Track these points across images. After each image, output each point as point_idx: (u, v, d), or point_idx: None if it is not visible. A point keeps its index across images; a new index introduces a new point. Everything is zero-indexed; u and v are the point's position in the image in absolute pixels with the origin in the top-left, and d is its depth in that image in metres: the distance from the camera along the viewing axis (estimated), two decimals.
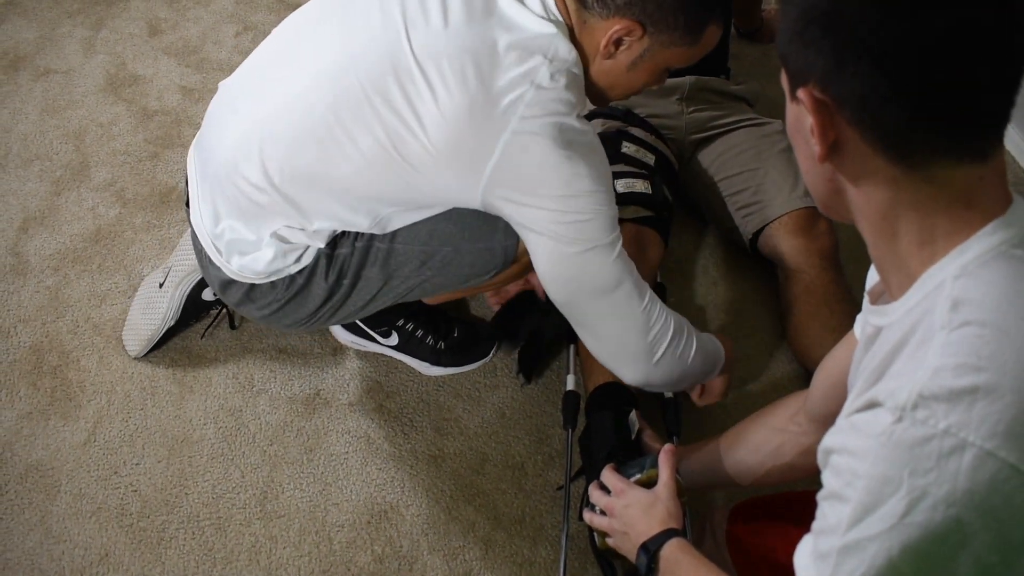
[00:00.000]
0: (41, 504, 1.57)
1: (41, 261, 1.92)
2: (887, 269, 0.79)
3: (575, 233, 1.22)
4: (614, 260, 1.25)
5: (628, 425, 1.47)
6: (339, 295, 1.38)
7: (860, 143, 0.72)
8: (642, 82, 1.31)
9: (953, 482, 0.65)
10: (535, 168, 1.19)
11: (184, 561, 1.51)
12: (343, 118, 1.21)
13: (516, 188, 1.21)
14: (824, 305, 1.69)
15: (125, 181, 2.09)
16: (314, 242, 1.32)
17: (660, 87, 1.91)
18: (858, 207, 0.78)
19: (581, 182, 1.20)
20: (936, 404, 0.66)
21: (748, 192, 1.85)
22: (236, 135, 1.30)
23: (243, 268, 1.35)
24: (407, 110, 1.18)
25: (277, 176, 1.26)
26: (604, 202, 1.22)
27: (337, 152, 1.23)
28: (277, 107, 1.27)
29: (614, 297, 1.28)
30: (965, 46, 0.66)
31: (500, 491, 1.60)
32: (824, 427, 1.18)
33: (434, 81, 1.17)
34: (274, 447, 1.64)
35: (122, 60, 2.39)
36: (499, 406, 1.71)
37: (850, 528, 0.70)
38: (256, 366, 1.76)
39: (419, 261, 1.35)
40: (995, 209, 0.73)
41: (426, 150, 1.19)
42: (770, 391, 1.73)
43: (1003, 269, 0.71)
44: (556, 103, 1.17)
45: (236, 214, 1.32)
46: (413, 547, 1.53)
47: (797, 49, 0.73)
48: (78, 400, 1.71)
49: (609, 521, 1.27)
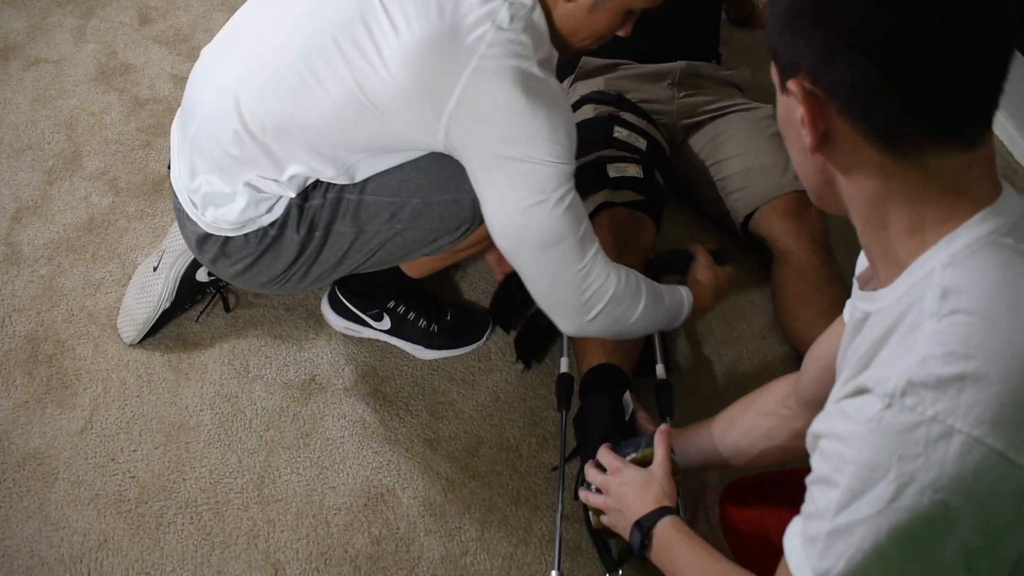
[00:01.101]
0: (39, 492, 1.58)
1: (35, 250, 1.92)
2: (877, 257, 0.80)
3: (525, 182, 1.24)
4: (560, 215, 1.26)
5: (622, 406, 1.48)
6: (311, 249, 1.40)
7: (850, 133, 0.73)
8: (604, 25, 1.32)
9: (940, 468, 0.67)
10: (492, 109, 1.21)
11: (183, 546, 1.52)
12: (312, 64, 1.25)
13: (473, 128, 1.23)
14: (815, 288, 1.71)
15: (118, 170, 2.09)
16: (286, 192, 1.36)
17: (651, 72, 1.95)
18: (849, 196, 0.78)
19: (537, 128, 1.21)
20: (924, 391, 0.67)
21: (739, 176, 1.86)
22: (214, 92, 1.35)
23: (217, 219, 1.39)
24: (371, 48, 1.21)
25: (252, 125, 1.31)
26: (558, 154, 1.24)
27: (307, 98, 1.27)
28: (252, 60, 1.32)
29: (553, 252, 1.29)
30: (957, 36, 0.67)
31: (495, 473, 1.61)
32: (814, 411, 1.20)
33: (396, 18, 1.20)
34: (270, 432, 1.66)
35: (113, 49, 2.39)
36: (493, 389, 1.73)
37: (839, 512, 0.72)
38: (251, 352, 1.77)
39: (389, 213, 1.37)
40: (984, 198, 0.74)
41: (387, 87, 1.22)
42: (761, 373, 1.75)
43: (992, 258, 0.72)
44: (516, 45, 1.20)
45: (212, 168, 1.36)
46: (410, 528, 1.54)
47: (787, 41, 0.74)
48: (74, 388, 1.71)
49: (604, 499, 1.29)
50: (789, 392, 1.28)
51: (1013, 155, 2.19)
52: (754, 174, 1.84)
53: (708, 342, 1.79)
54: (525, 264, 1.34)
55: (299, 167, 1.33)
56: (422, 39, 1.19)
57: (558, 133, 1.23)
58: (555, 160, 1.23)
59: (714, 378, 1.75)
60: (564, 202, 1.26)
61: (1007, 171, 2.16)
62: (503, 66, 1.19)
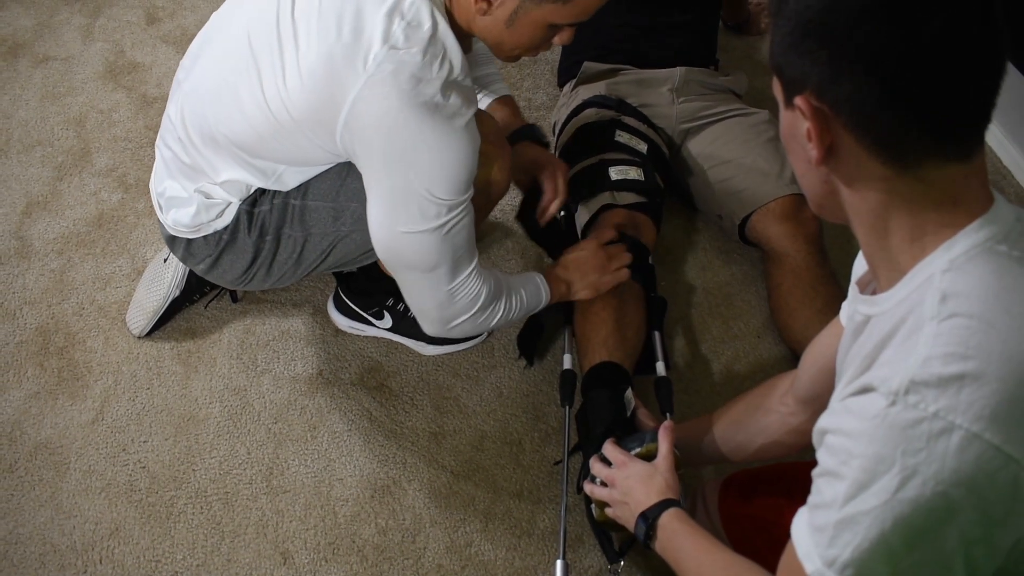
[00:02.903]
0: (51, 481, 1.61)
1: (45, 245, 1.96)
2: (878, 263, 0.84)
3: (402, 209, 1.26)
4: (436, 243, 1.28)
5: (624, 403, 1.52)
6: (265, 251, 1.47)
7: (854, 146, 0.77)
8: (528, 39, 1.30)
9: (942, 461, 0.71)
10: (375, 133, 1.21)
11: (193, 535, 1.55)
12: (232, 79, 1.31)
13: (360, 149, 1.25)
14: (810, 288, 1.75)
15: (127, 167, 2.12)
16: (231, 198, 1.42)
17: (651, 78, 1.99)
18: (852, 206, 0.82)
19: (418, 158, 1.21)
20: (926, 389, 0.72)
21: (736, 179, 1.90)
22: (173, 104, 1.43)
23: (176, 222, 1.47)
24: (278, 64, 1.25)
25: (192, 133, 1.38)
26: (438, 187, 1.23)
27: (225, 111, 1.32)
28: (196, 75, 1.39)
29: (425, 276, 1.35)
30: (952, 53, 0.71)
31: (499, 466, 1.65)
32: (811, 407, 1.25)
33: (301, 35, 1.23)
34: (278, 425, 1.69)
35: (121, 48, 2.42)
36: (497, 385, 1.77)
37: (846, 503, 0.76)
38: (259, 347, 1.80)
39: (332, 216, 1.42)
40: (979, 207, 0.78)
41: (284, 104, 1.25)
42: (757, 371, 1.79)
43: (988, 264, 0.76)
44: (411, 66, 1.18)
45: (171, 173, 1.45)
46: (416, 520, 1.58)
47: (792, 59, 0.78)
48: (85, 380, 1.75)
49: (609, 491, 1.32)
50: (787, 389, 1.31)
51: (1002, 161, 2.24)
52: (751, 177, 1.88)
53: (706, 341, 1.84)
54: (398, 277, 1.40)
55: (231, 174, 1.39)
56: (318, 57, 1.20)
57: (443, 164, 1.23)
58: (434, 195, 1.24)
59: (712, 376, 1.79)
60: (442, 231, 1.28)
61: (996, 176, 2.21)
62: (391, 91, 1.18)
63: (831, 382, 1.02)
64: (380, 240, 1.33)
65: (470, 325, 1.44)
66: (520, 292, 1.50)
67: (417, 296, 1.41)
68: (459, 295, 1.38)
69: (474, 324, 1.44)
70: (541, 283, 1.56)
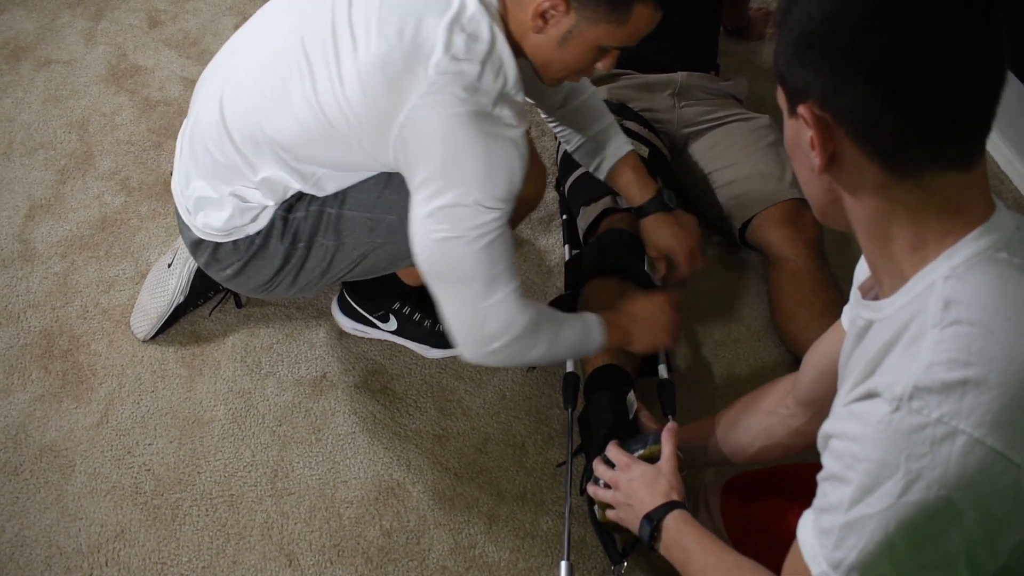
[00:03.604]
0: (56, 483, 1.62)
1: (48, 248, 1.96)
2: (880, 269, 0.85)
3: (445, 216, 1.25)
4: (473, 254, 1.27)
5: (626, 405, 1.53)
6: (295, 259, 1.46)
7: (857, 155, 0.78)
8: (576, 60, 1.31)
9: (945, 466, 0.72)
10: (430, 141, 1.22)
11: (198, 537, 1.56)
12: (285, 77, 1.30)
13: (411, 154, 1.25)
14: (810, 292, 1.77)
15: (130, 170, 2.13)
16: (267, 201, 1.41)
17: (652, 82, 2.00)
18: (854, 214, 0.84)
19: (469, 168, 1.22)
20: (930, 395, 0.73)
21: (737, 184, 1.92)
22: (209, 100, 1.41)
23: (206, 225, 1.45)
24: (334, 63, 1.25)
25: (233, 132, 1.36)
26: (486, 198, 1.24)
27: (278, 112, 1.32)
28: (239, 75, 1.38)
29: (460, 287, 1.31)
30: (953, 62, 0.72)
31: (502, 469, 1.67)
32: (812, 409, 1.26)
33: (359, 38, 1.24)
34: (283, 427, 1.70)
35: (123, 51, 2.43)
36: (500, 388, 1.78)
37: (851, 507, 0.77)
38: (263, 350, 1.81)
39: (367, 228, 1.42)
40: (980, 215, 0.79)
41: (340, 107, 1.25)
42: (758, 373, 1.80)
43: (989, 272, 0.77)
44: (468, 76, 1.20)
45: (202, 174, 1.43)
46: (420, 522, 1.59)
47: (796, 69, 0.79)
48: (89, 383, 1.75)
49: (613, 493, 1.33)
50: (787, 392, 1.33)
51: (999, 165, 2.26)
52: (752, 182, 1.90)
53: (707, 344, 1.85)
54: (433, 288, 1.35)
55: (269, 174, 1.38)
56: (375, 60, 1.21)
57: (493, 176, 1.23)
58: (481, 204, 1.24)
59: (713, 378, 1.80)
60: (481, 242, 1.27)
61: (993, 181, 2.23)
62: (450, 97, 1.19)
63: (832, 385, 1.03)
64: (420, 247, 1.31)
65: (508, 353, 1.36)
66: (568, 330, 1.43)
67: (453, 312, 1.35)
68: (494, 316, 1.33)
69: (512, 352, 1.37)
70: (596, 326, 1.47)
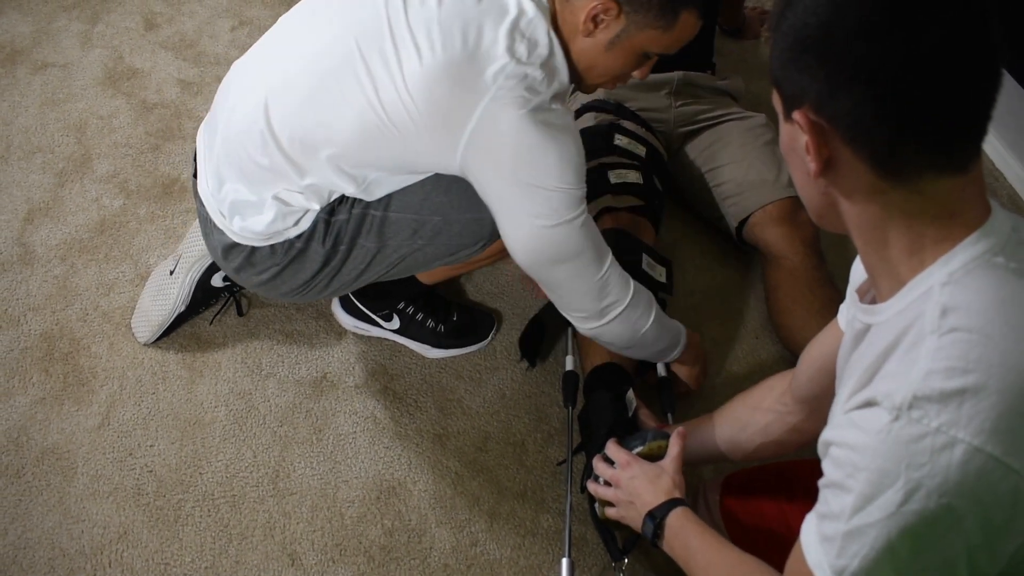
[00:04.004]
0: (59, 486, 1.62)
1: (48, 251, 1.97)
2: (877, 273, 0.86)
3: (538, 207, 1.31)
4: (574, 233, 1.34)
5: (625, 403, 1.54)
6: (335, 262, 1.46)
7: (853, 160, 0.79)
8: (620, 65, 1.37)
9: (945, 474, 0.73)
10: (507, 139, 1.27)
11: (201, 537, 1.57)
12: (340, 79, 1.31)
13: (488, 156, 1.29)
14: (807, 289, 1.78)
15: (128, 173, 2.13)
16: (311, 204, 1.40)
17: (649, 81, 2.01)
18: (851, 218, 0.84)
19: (548, 158, 1.28)
20: (929, 404, 0.74)
21: (734, 183, 1.93)
22: (248, 105, 1.40)
23: (244, 229, 1.44)
24: (396, 66, 1.27)
25: (281, 136, 1.36)
26: (568, 181, 1.30)
27: (333, 114, 1.32)
28: (285, 76, 1.37)
29: (572, 266, 1.37)
30: (949, 70, 0.73)
31: (503, 467, 1.67)
32: (809, 407, 1.27)
33: (421, 42, 1.26)
34: (284, 428, 1.71)
35: (120, 54, 2.43)
36: (499, 387, 1.79)
37: (853, 515, 0.78)
38: (264, 351, 1.82)
39: (411, 230, 1.43)
40: (977, 219, 0.80)
41: (407, 108, 1.27)
42: (756, 371, 1.82)
43: (986, 277, 0.78)
44: (532, 79, 1.26)
45: (240, 177, 1.41)
46: (421, 521, 1.60)
47: (791, 75, 0.80)
48: (90, 385, 1.76)
49: (615, 491, 1.34)
50: (784, 389, 1.34)
51: (995, 163, 2.27)
52: (749, 181, 1.91)
53: (705, 342, 1.86)
54: (546, 277, 1.41)
55: (318, 178, 1.37)
56: (442, 65, 1.24)
57: (569, 162, 1.29)
58: (566, 187, 1.30)
59: (711, 376, 1.81)
60: (577, 221, 1.33)
61: (989, 179, 2.24)
62: (518, 99, 1.25)
63: (829, 383, 1.04)
64: (520, 243, 1.36)
65: (625, 322, 1.45)
66: (665, 318, 1.54)
67: (570, 290, 1.42)
68: (610, 282, 1.41)
69: (629, 322, 1.45)
70: (683, 330, 1.61)
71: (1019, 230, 0.83)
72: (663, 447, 1.38)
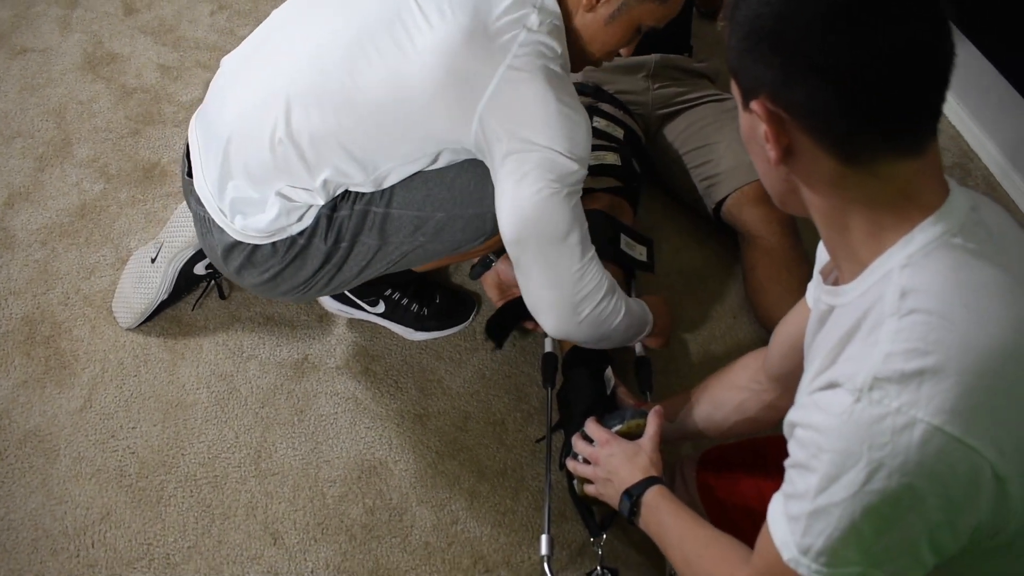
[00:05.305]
0: (41, 468, 1.63)
1: (28, 235, 1.97)
2: (839, 256, 0.88)
3: (545, 171, 1.31)
4: (571, 208, 1.35)
5: (604, 381, 1.56)
6: (336, 259, 1.45)
7: (811, 147, 0.80)
8: (617, 39, 1.42)
9: (906, 454, 0.75)
10: (524, 103, 1.29)
11: (183, 518, 1.58)
12: (350, 67, 1.32)
13: (505, 120, 1.30)
14: (783, 269, 1.80)
15: (108, 157, 2.13)
16: (316, 200, 1.39)
17: (627, 64, 2.03)
18: (812, 203, 0.86)
19: (561, 123, 1.30)
20: (889, 385, 0.76)
21: (711, 164, 1.95)
22: (250, 98, 1.39)
23: (246, 227, 1.42)
24: (406, 40, 1.29)
25: (293, 129, 1.35)
26: (576, 152, 1.32)
27: (345, 100, 1.33)
28: (292, 69, 1.36)
29: (559, 247, 1.36)
30: (901, 59, 0.75)
31: (483, 446, 1.69)
32: (782, 384, 1.30)
33: (432, 15, 1.29)
34: (265, 409, 1.72)
35: (99, 39, 2.43)
36: (479, 367, 1.80)
37: (817, 495, 0.80)
38: (245, 333, 1.83)
39: (413, 226, 1.43)
40: (934, 200, 0.82)
41: (422, 74, 1.29)
42: (733, 350, 1.84)
43: (945, 258, 0.80)
44: (543, 47, 1.29)
45: (243, 175, 1.39)
46: (402, 499, 1.62)
47: (747, 64, 0.81)
48: (72, 368, 1.76)
49: (593, 469, 1.36)
50: (759, 368, 1.36)
51: (969, 144, 2.30)
52: (725, 162, 1.92)
53: (683, 321, 1.88)
54: (530, 258, 1.38)
55: (330, 172, 1.36)
56: (460, 31, 1.27)
57: (579, 132, 1.32)
58: (573, 156, 1.31)
59: (689, 356, 1.84)
60: (574, 199, 1.35)
61: (963, 159, 2.26)
62: (534, 65, 1.28)
63: (800, 360, 1.06)
64: (517, 212, 1.34)
65: (595, 316, 1.42)
66: (631, 303, 1.52)
67: (549, 277, 1.39)
68: (587, 275, 1.39)
69: (598, 316, 1.43)
70: (645, 307, 1.60)
71: (978, 209, 0.85)
72: (641, 425, 1.40)
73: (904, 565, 0.81)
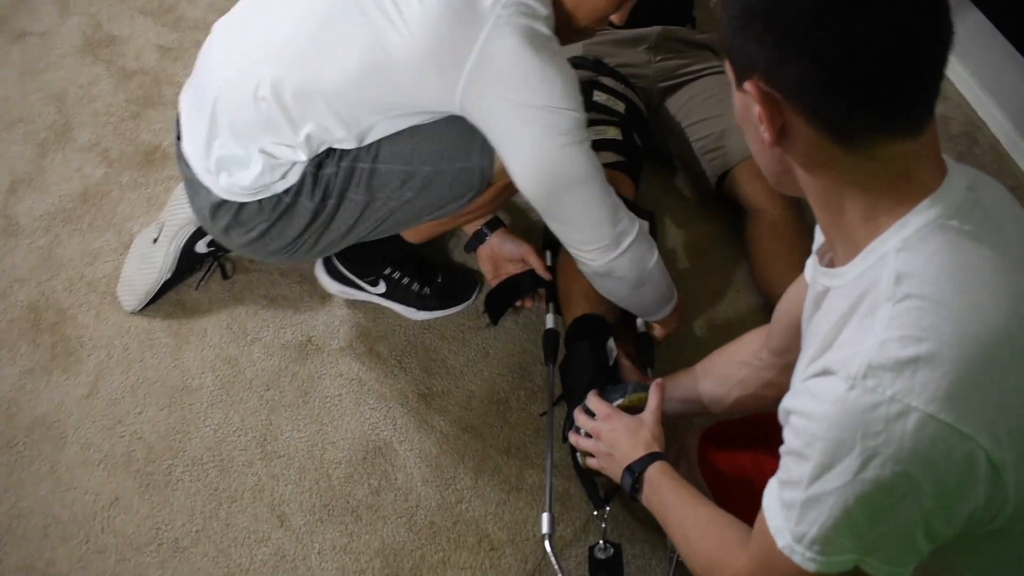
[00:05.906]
0: (50, 455, 1.65)
1: (32, 222, 1.97)
2: (835, 238, 0.87)
3: (552, 128, 1.32)
4: (584, 154, 1.36)
5: (606, 352, 1.56)
6: (323, 216, 1.46)
7: (806, 128, 0.79)
8: (604, 6, 1.40)
9: (900, 442, 0.74)
10: (510, 64, 1.28)
11: (191, 502, 1.60)
12: (336, 29, 1.32)
13: (493, 85, 1.30)
14: (787, 243, 1.79)
15: (109, 141, 2.13)
16: (299, 156, 1.40)
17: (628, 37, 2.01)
18: (807, 185, 0.85)
19: (551, 80, 1.29)
20: (883, 373, 0.75)
21: (713, 137, 1.93)
22: (237, 59, 1.40)
23: (231, 185, 1.43)
24: (393, 11, 1.28)
25: (277, 88, 1.35)
26: (573, 104, 1.32)
27: (329, 61, 1.33)
28: (276, 29, 1.37)
29: (587, 188, 1.38)
30: (897, 39, 0.73)
31: (487, 425, 1.70)
32: (784, 360, 1.29)
33: None
34: (271, 392, 1.73)
35: (98, 21, 2.42)
36: (483, 346, 1.80)
37: (811, 483, 0.80)
38: (249, 316, 1.83)
39: (400, 181, 1.43)
40: (931, 182, 0.81)
41: (408, 45, 1.28)
42: (736, 324, 1.83)
43: (940, 242, 0.79)
44: (525, 6, 1.28)
45: (228, 131, 1.41)
46: (408, 479, 1.62)
47: (740, 44, 0.80)
48: (78, 355, 1.78)
49: (595, 443, 1.37)
50: (761, 343, 1.35)
51: (977, 112, 2.26)
52: (728, 136, 1.91)
53: (686, 296, 1.87)
54: (563, 206, 1.41)
55: (313, 127, 1.37)
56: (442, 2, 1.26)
57: (570, 85, 1.31)
58: (570, 108, 1.31)
59: (692, 331, 1.83)
60: (585, 144, 1.36)
61: (970, 127, 2.23)
62: (517, 24, 1.27)
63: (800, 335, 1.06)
64: (537, 170, 1.36)
65: (635, 250, 1.45)
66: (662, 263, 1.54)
67: (585, 217, 1.41)
68: (621, 211, 1.42)
69: (639, 254, 1.46)
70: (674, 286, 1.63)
71: (976, 188, 0.83)
72: (643, 399, 1.40)
73: (899, 552, 0.81)
